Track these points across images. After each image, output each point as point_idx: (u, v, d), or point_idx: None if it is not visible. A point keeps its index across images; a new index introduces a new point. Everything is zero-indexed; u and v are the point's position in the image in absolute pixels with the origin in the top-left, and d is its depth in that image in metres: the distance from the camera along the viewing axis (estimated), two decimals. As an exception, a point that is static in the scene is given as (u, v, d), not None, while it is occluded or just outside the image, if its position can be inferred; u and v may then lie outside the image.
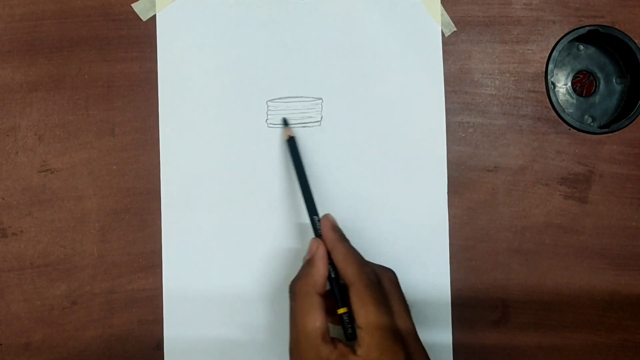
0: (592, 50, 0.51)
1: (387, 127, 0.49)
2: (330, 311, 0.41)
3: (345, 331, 0.41)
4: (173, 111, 0.49)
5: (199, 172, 0.49)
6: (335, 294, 0.42)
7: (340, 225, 0.44)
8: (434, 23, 0.50)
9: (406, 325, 0.41)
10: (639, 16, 0.50)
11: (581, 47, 0.51)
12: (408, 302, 0.42)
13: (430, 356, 0.45)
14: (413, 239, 0.49)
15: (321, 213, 0.45)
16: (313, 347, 0.39)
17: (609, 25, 0.49)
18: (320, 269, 0.42)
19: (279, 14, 0.50)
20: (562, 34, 0.50)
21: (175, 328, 0.49)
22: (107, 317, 0.49)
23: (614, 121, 0.50)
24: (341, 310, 0.41)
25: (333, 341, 0.40)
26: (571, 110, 0.51)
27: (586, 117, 0.50)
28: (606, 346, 0.49)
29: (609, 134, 0.50)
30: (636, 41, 0.49)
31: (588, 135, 0.50)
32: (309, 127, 0.49)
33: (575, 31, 0.49)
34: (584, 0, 0.50)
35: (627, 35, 0.49)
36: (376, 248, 0.49)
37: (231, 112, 0.49)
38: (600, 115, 0.51)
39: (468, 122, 0.50)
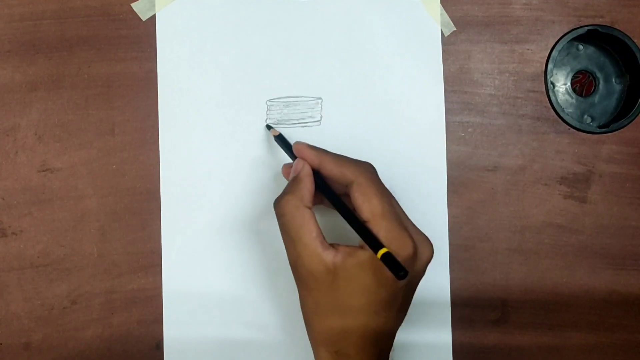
0: (591, 50, 0.51)
1: (387, 127, 0.49)
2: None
3: (394, 270, 0.36)
4: (172, 111, 0.49)
5: (198, 171, 0.49)
6: (362, 231, 0.39)
7: (340, 224, 0.44)
8: (433, 23, 0.50)
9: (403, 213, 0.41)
10: (638, 16, 0.50)
11: (580, 47, 0.51)
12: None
13: (430, 356, 0.45)
14: (413, 239, 0.49)
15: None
16: (315, 255, 0.38)
17: (609, 25, 0.49)
18: (307, 184, 0.41)
19: (279, 14, 0.50)
20: (562, 34, 0.50)
21: (175, 328, 0.49)
22: (107, 317, 0.49)
23: (614, 121, 0.50)
24: (382, 251, 0.37)
25: (333, 245, 0.39)
26: (570, 110, 0.51)
27: (585, 116, 0.51)
28: (605, 346, 0.49)
29: (609, 134, 0.50)
30: (635, 41, 0.49)
31: (587, 135, 0.50)
32: (308, 126, 0.49)
33: (574, 31, 0.50)
34: (584, 0, 0.50)
35: (626, 35, 0.49)
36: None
37: (231, 112, 0.49)
38: (599, 115, 0.51)
39: (467, 122, 0.50)
